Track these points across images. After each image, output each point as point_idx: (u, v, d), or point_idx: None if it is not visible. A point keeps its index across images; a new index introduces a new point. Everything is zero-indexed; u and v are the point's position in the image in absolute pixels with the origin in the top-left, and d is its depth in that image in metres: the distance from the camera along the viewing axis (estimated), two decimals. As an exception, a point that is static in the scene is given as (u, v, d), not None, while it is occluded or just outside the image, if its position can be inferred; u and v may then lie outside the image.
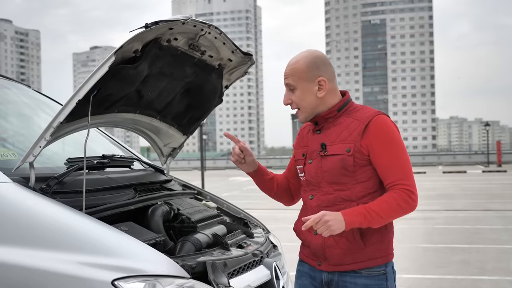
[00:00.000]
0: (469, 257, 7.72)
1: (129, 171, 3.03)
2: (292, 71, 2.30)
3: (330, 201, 2.25)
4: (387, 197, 2.17)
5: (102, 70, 2.17)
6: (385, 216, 2.15)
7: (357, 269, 2.23)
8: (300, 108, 2.32)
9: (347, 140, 2.23)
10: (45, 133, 2.21)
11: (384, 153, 2.20)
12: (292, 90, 2.31)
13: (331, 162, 2.25)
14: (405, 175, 2.20)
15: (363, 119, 2.24)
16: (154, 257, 2.04)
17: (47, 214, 2.07)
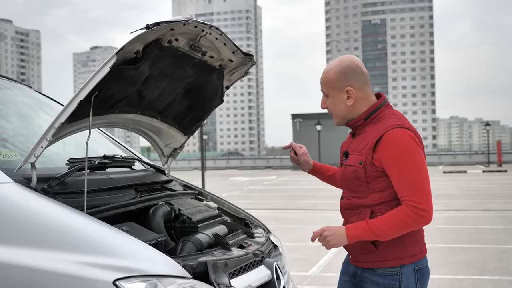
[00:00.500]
0: (469, 257, 7.73)
1: (130, 171, 3.04)
2: (324, 80, 2.44)
3: (349, 206, 2.42)
4: (394, 212, 2.26)
5: (104, 71, 2.18)
6: (389, 231, 2.25)
7: (373, 268, 2.38)
8: (333, 114, 2.47)
9: (362, 152, 2.34)
10: (46, 133, 2.22)
11: (394, 169, 2.27)
12: (326, 96, 2.46)
13: (348, 172, 2.41)
14: (413, 191, 2.24)
15: (379, 131, 2.31)
16: (155, 257, 2.05)
17: (49, 215, 2.08)
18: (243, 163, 59.95)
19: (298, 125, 47.97)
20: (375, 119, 2.38)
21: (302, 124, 47.45)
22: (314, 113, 50.62)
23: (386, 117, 2.37)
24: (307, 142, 45.24)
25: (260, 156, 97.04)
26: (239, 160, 64.05)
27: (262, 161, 60.83)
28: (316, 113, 51.17)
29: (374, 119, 2.39)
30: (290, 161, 2.77)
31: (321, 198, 16.45)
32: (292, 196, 17.95)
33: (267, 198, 18.22)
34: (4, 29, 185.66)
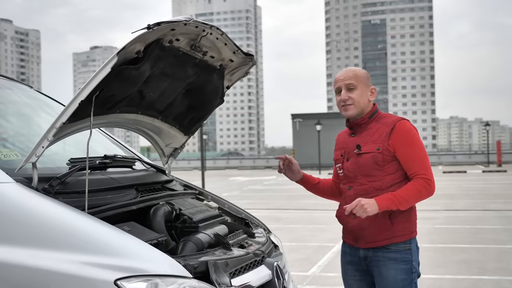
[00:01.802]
0: (469, 257, 7.73)
1: (131, 171, 3.04)
2: (354, 74, 2.82)
3: (365, 191, 2.76)
4: (410, 185, 2.70)
5: (105, 71, 2.18)
6: (409, 199, 2.68)
7: (386, 245, 2.74)
8: (355, 104, 2.80)
9: (377, 141, 2.75)
10: (47, 133, 2.22)
11: (406, 150, 2.73)
12: (351, 89, 2.80)
13: (365, 159, 2.76)
14: (422, 167, 2.73)
15: (389, 123, 2.77)
16: (156, 257, 2.05)
17: (50, 214, 2.08)
18: (243, 163, 59.95)
19: (298, 125, 47.98)
20: (377, 118, 2.83)
21: (302, 124, 47.47)
22: (314, 113, 50.70)
23: (385, 115, 2.86)
24: (307, 142, 45.30)
25: (260, 156, 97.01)
26: (239, 160, 64.06)
27: (262, 161, 60.81)
28: (316, 113, 51.23)
29: (376, 118, 2.84)
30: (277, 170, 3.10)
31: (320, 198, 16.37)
32: (292, 196, 17.94)
33: (267, 198, 18.22)
34: (4, 29, 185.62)
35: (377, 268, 2.77)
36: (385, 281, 2.75)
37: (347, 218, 2.81)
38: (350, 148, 2.83)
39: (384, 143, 2.73)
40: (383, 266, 2.75)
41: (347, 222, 2.85)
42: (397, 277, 2.73)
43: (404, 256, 2.75)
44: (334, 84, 2.90)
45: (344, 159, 2.86)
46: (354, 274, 2.89)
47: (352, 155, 2.82)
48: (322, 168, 38.73)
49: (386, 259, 2.75)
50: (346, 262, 2.92)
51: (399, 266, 2.74)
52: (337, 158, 2.94)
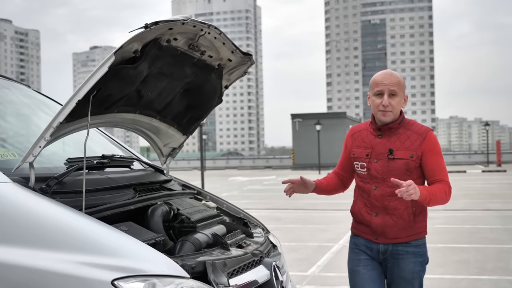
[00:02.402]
0: (469, 257, 7.72)
1: (129, 171, 3.03)
2: (399, 82, 2.91)
3: (392, 193, 2.81)
4: (438, 186, 2.87)
5: (102, 70, 2.18)
6: (437, 199, 2.83)
7: (408, 241, 2.91)
8: (394, 111, 2.90)
9: (409, 148, 2.88)
10: (45, 133, 2.21)
11: (433, 159, 2.90)
12: (393, 96, 2.88)
13: (398, 164, 2.87)
14: (445, 174, 2.95)
15: (420, 133, 2.91)
16: (153, 257, 2.04)
17: (47, 214, 2.07)
18: (242, 163, 59.94)
19: (297, 125, 47.96)
20: (405, 124, 2.95)
21: (301, 124, 47.45)
22: (313, 113, 50.66)
23: (412, 122, 3.00)
24: (307, 142, 45.28)
25: (260, 156, 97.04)
26: (238, 160, 64.06)
27: (262, 161, 60.82)
28: (316, 113, 51.21)
29: (404, 124, 2.94)
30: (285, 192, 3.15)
31: (320, 198, 16.42)
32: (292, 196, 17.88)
33: (266, 198, 18.22)
34: (3, 29, 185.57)
35: (396, 260, 2.92)
36: (402, 272, 2.92)
37: (369, 216, 2.94)
38: (380, 151, 2.91)
39: (417, 151, 2.87)
40: (402, 259, 2.91)
41: (369, 220, 2.94)
42: (414, 269, 2.93)
43: (422, 250, 2.95)
44: (374, 85, 2.92)
45: (371, 160, 2.93)
46: (367, 264, 2.98)
47: (382, 157, 2.90)
48: (322, 168, 38.72)
49: (405, 252, 2.91)
50: (360, 252, 3.01)
51: (417, 260, 2.93)
52: (361, 156, 2.98)
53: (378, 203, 2.90)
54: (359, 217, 3.00)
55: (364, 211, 2.96)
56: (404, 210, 2.87)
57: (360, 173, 2.99)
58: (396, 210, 2.87)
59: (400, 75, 2.95)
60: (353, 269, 3.02)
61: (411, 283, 2.93)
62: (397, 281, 2.94)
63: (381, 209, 2.89)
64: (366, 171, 2.94)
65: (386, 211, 2.88)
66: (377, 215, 2.90)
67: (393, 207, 2.87)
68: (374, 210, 2.91)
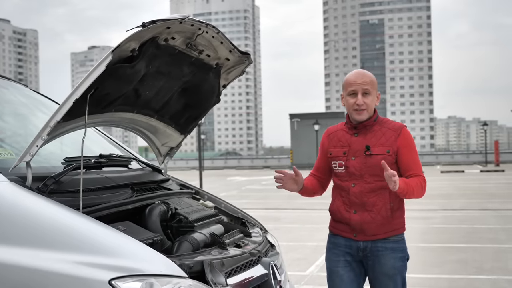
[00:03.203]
0: (466, 257, 7.72)
1: (126, 170, 3.02)
2: (371, 81, 2.97)
3: (371, 189, 2.93)
4: (414, 180, 2.92)
5: (99, 69, 2.17)
6: (414, 191, 2.88)
7: (386, 237, 2.94)
8: (368, 109, 2.96)
9: (385, 144, 2.94)
10: (42, 132, 2.21)
11: (409, 154, 2.96)
12: (366, 94, 2.94)
13: (375, 160, 2.91)
14: (420, 169, 3.00)
15: (395, 129, 2.98)
16: (151, 257, 2.04)
17: (44, 214, 2.06)
18: (241, 163, 59.93)
19: (296, 125, 47.98)
20: (379, 122, 3.01)
21: (300, 124, 47.47)
22: (312, 112, 50.68)
23: (386, 120, 3.05)
24: (305, 141, 45.30)
25: (258, 156, 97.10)
26: (237, 160, 64.05)
27: (260, 160, 60.82)
28: (314, 112, 51.23)
29: (378, 121, 3.01)
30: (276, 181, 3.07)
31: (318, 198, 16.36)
32: (290, 196, 17.89)
33: (265, 198, 18.20)
34: (1, 29, 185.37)
35: (376, 257, 2.94)
36: (383, 268, 2.94)
37: (347, 213, 2.97)
38: (357, 148, 2.96)
39: (393, 146, 2.93)
40: (382, 256, 2.94)
41: (348, 217, 2.97)
42: (395, 264, 2.95)
43: (401, 246, 2.98)
44: (347, 85, 2.97)
45: (349, 157, 2.97)
46: (345, 266, 3.00)
47: (360, 154, 2.95)
48: (320, 168, 38.66)
49: (384, 249, 2.94)
50: (339, 254, 3.02)
51: (397, 255, 2.95)
52: (338, 155, 3.03)
53: (357, 200, 2.94)
54: (338, 216, 3.04)
55: (343, 209, 3.00)
56: (382, 206, 2.92)
57: (338, 172, 3.03)
58: (375, 206, 2.91)
59: (371, 74, 3.00)
60: (332, 269, 3.04)
61: (393, 280, 2.95)
62: (379, 278, 2.96)
63: (360, 206, 2.93)
64: (344, 169, 2.99)
65: (365, 208, 2.92)
66: (355, 212, 2.94)
67: (372, 203, 2.91)
68: (353, 207, 2.95)
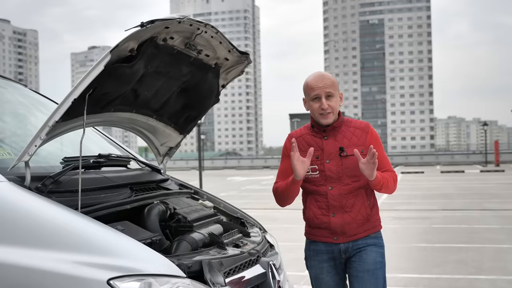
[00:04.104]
0: (466, 257, 7.72)
1: (125, 170, 3.02)
2: (332, 82, 2.91)
3: (349, 190, 2.90)
4: (388, 174, 2.96)
5: (98, 69, 2.17)
6: (388, 185, 2.91)
7: (366, 236, 2.94)
8: (334, 112, 2.91)
9: (357, 143, 2.92)
10: (40, 132, 2.21)
11: (379, 152, 2.87)
12: (329, 97, 2.89)
13: (351, 161, 2.88)
14: (389, 165, 3.02)
15: (362, 127, 2.97)
16: (150, 256, 2.04)
17: (43, 214, 2.06)
18: (240, 163, 59.93)
19: (296, 125, 47.99)
20: (345, 122, 2.99)
21: (300, 124, 47.49)
22: (311, 113, 50.59)
23: (350, 119, 3.03)
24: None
25: (258, 156, 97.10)
26: (237, 160, 64.08)
27: (260, 161, 60.84)
28: (314, 113, 51.10)
29: (344, 122, 2.98)
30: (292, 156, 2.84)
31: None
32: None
33: (264, 198, 18.19)
34: (1, 29, 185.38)
35: (358, 254, 2.93)
36: (365, 263, 2.92)
37: (326, 217, 2.93)
38: (330, 150, 2.91)
39: (365, 145, 2.91)
40: (364, 251, 2.93)
41: (327, 221, 2.92)
42: (376, 259, 2.94)
43: (381, 242, 3.01)
44: (309, 90, 2.92)
45: (323, 161, 2.91)
46: (329, 271, 2.98)
47: (334, 157, 2.91)
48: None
49: (366, 244, 2.94)
50: (322, 261, 3.00)
51: (378, 250, 2.97)
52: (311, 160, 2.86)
53: (336, 202, 2.89)
54: (316, 221, 2.98)
55: (320, 213, 2.94)
56: (361, 206, 2.91)
57: (311, 177, 2.93)
58: (354, 206, 2.89)
59: (331, 74, 2.97)
60: (316, 276, 3.03)
61: (375, 275, 2.91)
62: (361, 276, 2.90)
63: (339, 208, 2.89)
64: (319, 173, 2.92)
65: (343, 209, 2.89)
66: (334, 215, 2.90)
67: (351, 204, 2.89)
68: (331, 210, 2.91)
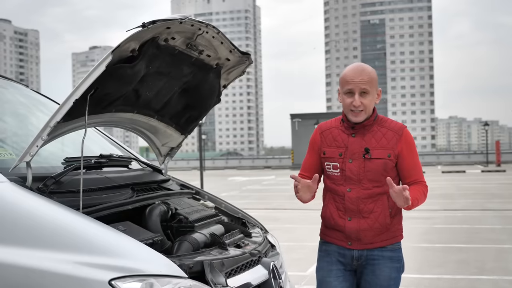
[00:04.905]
0: (468, 257, 7.72)
1: (126, 170, 3.02)
2: (370, 79, 2.67)
3: (368, 195, 2.69)
4: (418, 188, 2.71)
5: (99, 70, 2.17)
6: (418, 201, 2.68)
7: (383, 246, 2.74)
8: (366, 110, 2.70)
9: (386, 147, 2.70)
10: (42, 132, 2.21)
11: (410, 158, 2.74)
12: (364, 94, 2.67)
13: (375, 164, 2.69)
14: (421, 174, 2.79)
15: (396, 130, 2.74)
16: (151, 257, 2.04)
17: (44, 214, 2.06)
18: (242, 163, 59.92)
19: (297, 125, 47.96)
20: (378, 121, 2.76)
21: (301, 124, 47.44)
22: (312, 113, 50.67)
23: (386, 119, 2.79)
24: (306, 141, 45.15)
25: (259, 156, 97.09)
26: (238, 160, 64.04)
27: (261, 161, 60.80)
28: (315, 113, 51.23)
29: (377, 121, 2.76)
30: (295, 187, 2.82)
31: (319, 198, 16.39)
32: (291, 196, 17.86)
33: (265, 198, 18.20)
34: (3, 29, 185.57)
35: (371, 266, 2.74)
36: (378, 279, 2.74)
37: (342, 220, 2.74)
38: (355, 150, 2.71)
39: (394, 150, 2.69)
40: (378, 265, 2.74)
41: (342, 224, 2.74)
42: (391, 275, 2.75)
43: (398, 255, 2.79)
44: (344, 83, 2.70)
45: (345, 160, 2.72)
46: (338, 275, 2.78)
47: (358, 157, 2.70)
48: (321, 168, 38.66)
49: (381, 257, 2.74)
50: (332, 263, 2.80)
51: (393, 265, 2.76)
52: (333, 156, 2.76)
53: (353, 206, 2.70)
54: (331, 222, 2.79)
55: (337, 215, 2.75)
56: (381, 213, 2.69)
57: (332, 174, 2.77)
58: (372, 213, 2.69)
59: (373, 69, 2.72)
60: (323, 279, 2.82)
61: None
62: None
63: (356, 212, 2.70)
64: (340, 172, 2.73)
65: (361, 215, 2.69)
66: (351, 219, 2.71)
67: (369, 210, 2.69)
68: (348, 214, 2.71)
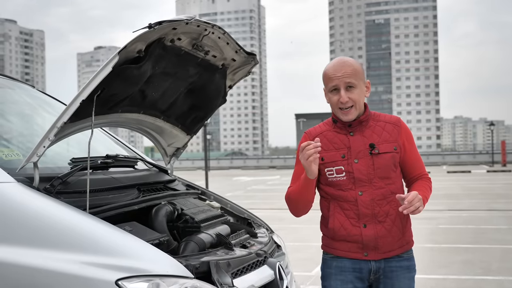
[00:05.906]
0: (473, 257, 7.70)
1: (133, 171, 3.03)
2: (354, 70, 2.48)
3: (382, 195, 2.49)
4: (424, 185, 2.57)
5: (106, 70, 2.18)
6: (427, 199, 2.53)
7: (400, 253, 2.54)
8: (356, 106, 2.49)
9: (389, 140, 2.53)
10: (49, 133, 2.22)
11: (412, 150, 2.60)
12: (351, 88, 2.47)
13: (384, 159, 2.50)
14: (423, 167, 2.65)
15: (393, 122, 2.58)
16: (157, 257, 2.04)
17: (51, 214, 2.07)
18: (246, 163, 59.94)
19: (301, 125, 47.94)
20: (372, 116, 2.59)
21: (305, 124, 47.44)
22: (317, 112, 50.64)
23: (378, 113, 2.63)
24: (311, 142, 45.21)
25: (264, 156, 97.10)
26: (242, 160, 64.09)
27: (266, 161, 60.82)
28: (320, 112, 51.17)
29: (371, 116, 2.59)
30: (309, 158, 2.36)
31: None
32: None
33: (270, 198, 18.20)
34: (8, 29, 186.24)
35: (390, 279, 2.52)
36: None
37: (357, 229, 2.48)
38: (359, 148, 2.49)
39: (398, 142, 2.52)
40: (397, 277, 2.52)
41: (358, 233, 2.48)
42: (410, 285, 2.56)
43: (413, 264, 2.60)
44: (327, 80, 2.50)
45: (350, 160, 2.49)
46: None
47: (364, 155, 2.48)
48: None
49: (399, 268, 2.53)
50: (347, 281, 2.52)
51: (411, 275, 2.57)
52: (335, 159, 2.51)
53: (368, 211, 2.45)
54: (342, 233, 2.51)
55: (349, 224, 2.48)
56: (397, 215, 2.48)
57: (336, 180, 2.51)
58: (388, 216, 2.47)
59: (356, 61, 2.52)
60: None
61: None
62: None
63: (371, 217, 2.46)
64: (346, 175, 2.48)
65: (376, 219, 2.46)
66: (366, 225, 2.46)
67: (385, 213, 2.47)
68: (362, 220, 2.46)
